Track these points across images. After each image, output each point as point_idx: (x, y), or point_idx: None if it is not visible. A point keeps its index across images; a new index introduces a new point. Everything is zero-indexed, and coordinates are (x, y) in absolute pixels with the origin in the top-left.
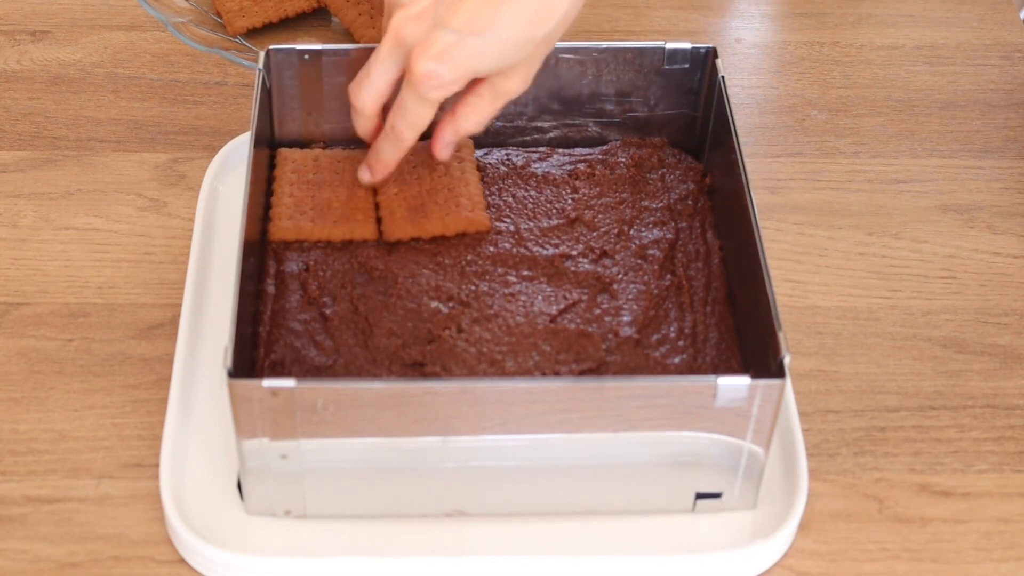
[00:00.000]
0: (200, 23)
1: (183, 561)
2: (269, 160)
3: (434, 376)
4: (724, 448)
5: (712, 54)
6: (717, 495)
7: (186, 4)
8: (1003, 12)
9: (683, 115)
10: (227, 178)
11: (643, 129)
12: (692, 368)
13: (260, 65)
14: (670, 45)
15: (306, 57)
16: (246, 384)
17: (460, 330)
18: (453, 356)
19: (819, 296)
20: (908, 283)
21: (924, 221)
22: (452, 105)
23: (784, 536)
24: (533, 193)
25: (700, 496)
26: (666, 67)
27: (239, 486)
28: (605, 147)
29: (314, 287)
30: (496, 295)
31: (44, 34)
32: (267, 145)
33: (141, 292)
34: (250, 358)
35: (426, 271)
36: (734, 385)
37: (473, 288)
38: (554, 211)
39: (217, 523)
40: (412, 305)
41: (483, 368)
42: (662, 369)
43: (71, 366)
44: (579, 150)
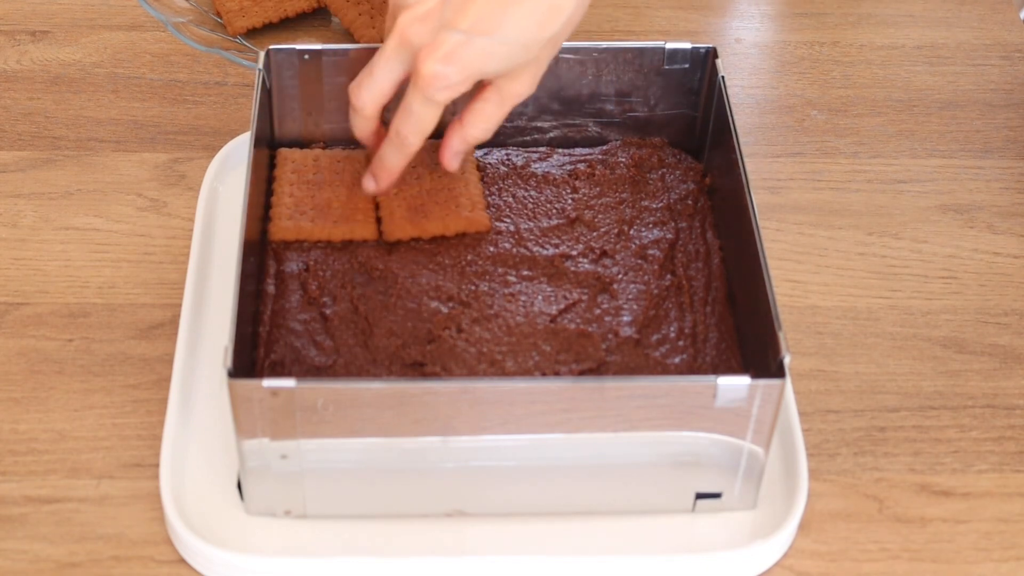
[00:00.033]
0: (200, 23)
1: (183, 561)
2: (269, 160)
3: (434, 376)
4: (724, 448)
5: (712, 54)
6: (717, 495)
7: (186, 4)
8: (1003, 12)
9: (683, 115)
10: (227, 178)
11: (643, 129)
12: (692, 368)
13: (260, 65)
14: (670, 45)
15: (306, 57)
16: (246, 384)
17: (460, 330)
18: (453, 356)
19: (819, 296)
20: (908, 283)
21: (924, 221)
22: (459, 113)
23: (784, 536)
24: (533, 193)
25: (700, 496)
26: (666, 67)
27: (239, 486)
28: (605, 147)
29: (314, 287)
30: (496, 295)
31: (44, 34)
32: (267, 145)
33: (141, 292)
34: (250, 358)
35: (426, 271)
36: (734, 385)
37: (473, 288)
38: (554, 211)
39: (217, 523)
40: (412, 305)
41: (483, 368)
42: (662, 369)
43: (71, 366)
44: (579, 150)
